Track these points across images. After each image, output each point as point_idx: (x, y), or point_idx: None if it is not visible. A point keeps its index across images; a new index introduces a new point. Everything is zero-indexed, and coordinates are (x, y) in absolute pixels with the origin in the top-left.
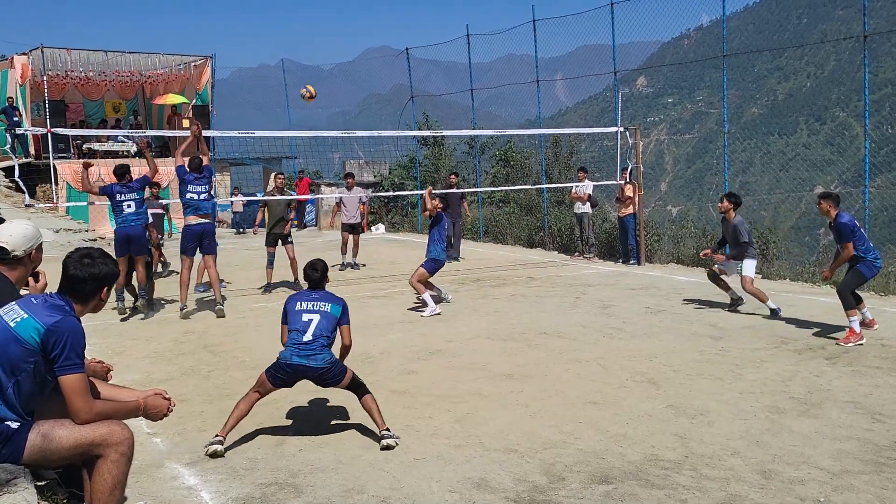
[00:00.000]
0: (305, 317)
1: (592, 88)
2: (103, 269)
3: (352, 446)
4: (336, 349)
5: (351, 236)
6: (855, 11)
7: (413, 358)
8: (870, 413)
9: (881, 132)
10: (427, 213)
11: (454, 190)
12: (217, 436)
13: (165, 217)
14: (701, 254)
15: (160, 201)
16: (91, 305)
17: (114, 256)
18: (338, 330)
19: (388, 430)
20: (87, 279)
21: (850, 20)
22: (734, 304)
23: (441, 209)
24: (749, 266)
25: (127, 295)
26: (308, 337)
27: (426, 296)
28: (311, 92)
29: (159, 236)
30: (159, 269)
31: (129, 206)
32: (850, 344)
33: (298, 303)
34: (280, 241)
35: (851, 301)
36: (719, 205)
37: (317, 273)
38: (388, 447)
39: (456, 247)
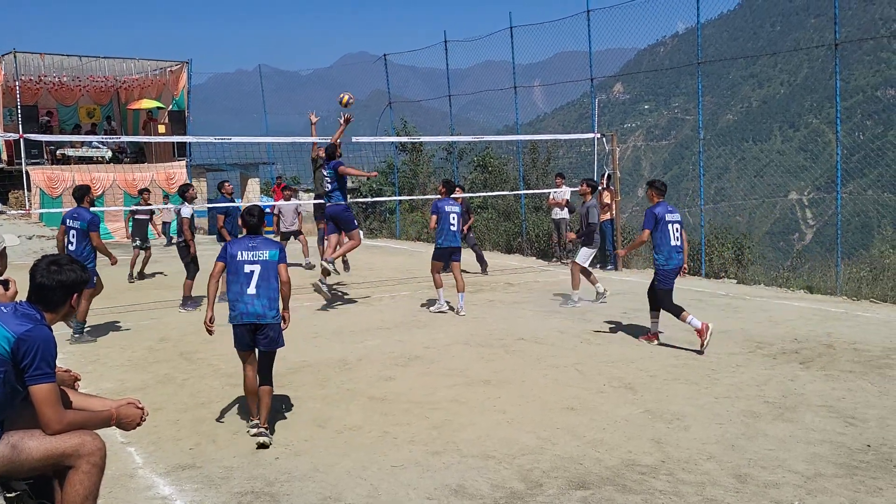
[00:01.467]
0: (247, 268)
1: (570, 95)
2: (71, 276)
3: (329, 454)
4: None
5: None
6: (827, 20)
7: (391, 364)
8: (843, 417)
9: (853, 139)
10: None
11: (461, 194)
12: (252, 420)
13: (149, 223)
14: (567, 239)
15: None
16: (61, 313)
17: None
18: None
19: (267, 427)
20: (55, 287)
21: (822, 28)
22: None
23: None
24: (583, 254)
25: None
26: (252, 290)
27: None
28: (346, 99)
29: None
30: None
31: (72, 235)
32: (704, 344)
33: (240, 252)
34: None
35: (675, 309)
36: (579, 188)
37: (254, 218)
38: (261, 444)
39: (480, 258)
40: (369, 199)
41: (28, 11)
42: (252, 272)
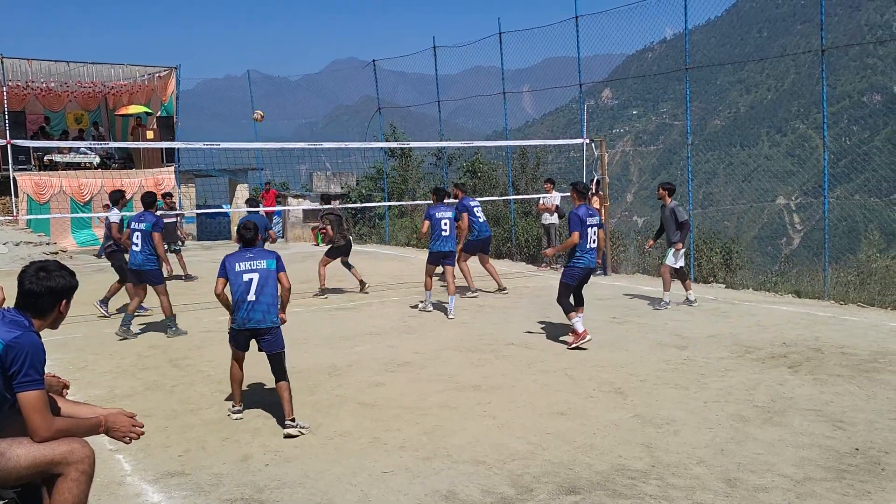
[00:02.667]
0: (245, 277)
1: (558, 100)
2: (60, 282)
3: (319, 460)
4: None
5: None
6: (813, 26)
7: (381, 370)
8: (831, 421)
9: (839, 144)
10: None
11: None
12: (235, 406)
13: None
14: (646, 245)
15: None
16: (50, 320)
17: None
18: (277, 278)
19: (293, 419)
20: (43, 293)
21: (808, 34)
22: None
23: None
24: (673, 255)
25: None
26: (252, 297)
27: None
28: (260, 115)
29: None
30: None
31: (137, 237)
32: (575, 345)
33: (237, 264)
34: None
35: (567, 306)
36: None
37: (250, 232)
38: (289, 436)
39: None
40: (359, 205)
41: (15, 17)
42: (251, 280)
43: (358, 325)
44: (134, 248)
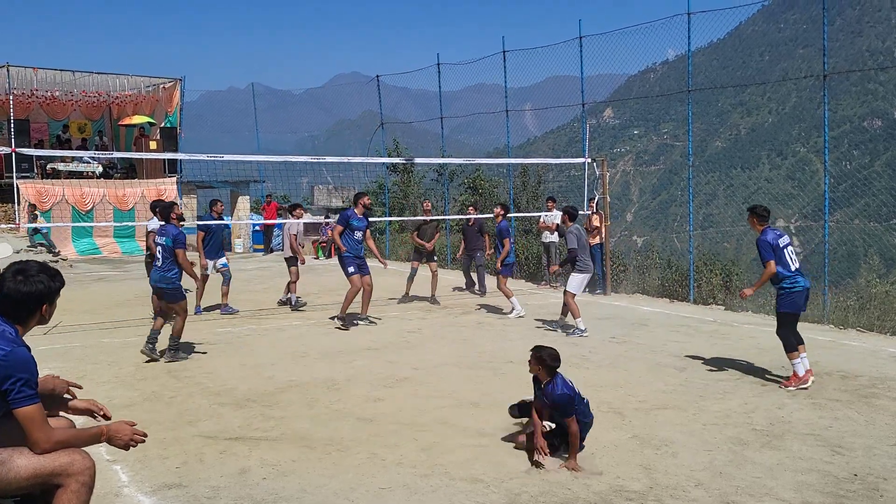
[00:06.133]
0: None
1: (560, 119)
2: (39, 287)
3: (316, 475)
4: None
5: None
6: (815, 51)
7: (379, 385)
8: (830, 445)
9: (840, 168)
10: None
11: (474, 214)
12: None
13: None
14: (551, 269)
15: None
16: (32, 324)
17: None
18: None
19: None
20: (23, 298)
21: (810, 59)
22: (564, 327)
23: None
24: (574, 281)
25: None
26: (159, 262)
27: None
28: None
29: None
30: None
31: (159, 250)
32: (792, 388)
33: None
34: (426, 258)
35: (791, 342)
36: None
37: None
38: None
39: (480, 280)
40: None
41: (22, 25)
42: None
43: (357, 340)
44: (156, 262)
